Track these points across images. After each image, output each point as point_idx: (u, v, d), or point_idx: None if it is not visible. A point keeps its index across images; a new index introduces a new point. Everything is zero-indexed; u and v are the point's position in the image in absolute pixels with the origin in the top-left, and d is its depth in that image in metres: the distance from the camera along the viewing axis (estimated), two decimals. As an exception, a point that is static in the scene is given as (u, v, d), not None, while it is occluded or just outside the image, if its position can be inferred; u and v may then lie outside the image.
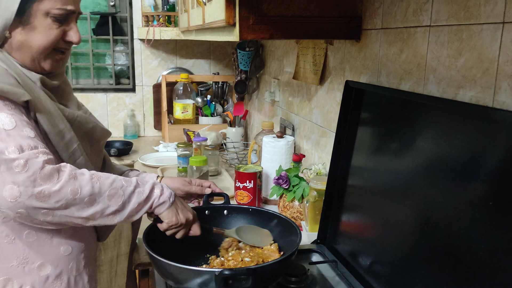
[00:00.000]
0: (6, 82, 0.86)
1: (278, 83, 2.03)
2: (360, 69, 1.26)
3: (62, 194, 0.84)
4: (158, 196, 0.97)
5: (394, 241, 0.98)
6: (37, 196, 0.81)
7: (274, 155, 1.59)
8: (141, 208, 0.94)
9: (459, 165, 0.80)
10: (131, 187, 0.93)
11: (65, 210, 0.85)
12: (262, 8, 1.13)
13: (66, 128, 0.95)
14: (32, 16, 0.91)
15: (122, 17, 2.68)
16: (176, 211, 0.99)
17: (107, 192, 0.89)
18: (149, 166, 2.09)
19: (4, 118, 0.84)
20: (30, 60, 0.94)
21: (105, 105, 2.72)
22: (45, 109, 0.91)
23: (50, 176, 0.83)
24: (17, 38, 0.92)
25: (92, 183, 0.87)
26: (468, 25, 0.84)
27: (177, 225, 1.00)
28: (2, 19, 0.90)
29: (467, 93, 0.85)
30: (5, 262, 0.92)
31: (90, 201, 0.87)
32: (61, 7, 0.92)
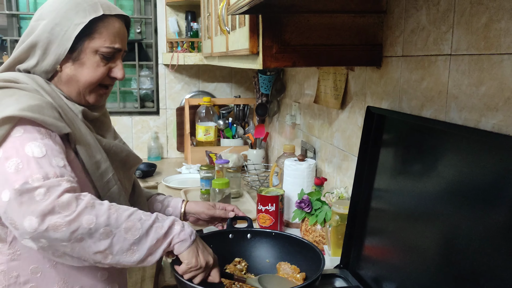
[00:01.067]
0: (50, 115, 0.91)
1: (299, 106, 2.06)
2: (381, 95, 1.29)
3: (77, 223, 0.82)
4: (178, 232, 0.93)
5: (418, 267, 0.98)
6: (53, 226, 0.80)
7: (295, 178, 1.61)
8: (160, 245, 0.90)
9: (483, 191, 0.80)
10: (149, 221, 0.89)
11: (82, 242, 0.83)
12: (285, 38, 1.17)
13: (102, 159, 0.99)
14: (82, 52, 0.97)
15: (148, 43, 2.77)
16: (196, 252, 0.95)
17: (123, 225, 0.86)
18: (173, 188, 2.13)
19: (35, 147, 0.86)
20: (76, 93, 1.00)
21: (130, 127, 2.80)
22: (84, 141, 0.96)
23: (68, 204, 0.82)
24: (66, 72, 0.99)
25: (109, 214, 0.85)
26: (488, 55, 0.85)
27: (196, 268, 0.94)
28: (55, 54, 0.97)
29: (489, 121, 0.86)
30: (47, 285, 0.96)
31: (106, 233, 0.84)
32: (109, 46, 0.98)
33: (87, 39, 0.97)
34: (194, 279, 0.96)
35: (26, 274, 0.95)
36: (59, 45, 0.96)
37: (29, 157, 0.84)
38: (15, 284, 0.95)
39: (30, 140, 0.86)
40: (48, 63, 0.97)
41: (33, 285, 0.95)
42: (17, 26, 2.62)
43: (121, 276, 1.07)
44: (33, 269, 0.95)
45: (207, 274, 0.98)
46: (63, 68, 0.98)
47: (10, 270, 0.94)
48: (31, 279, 0.95)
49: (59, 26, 0.96)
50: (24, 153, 0.85)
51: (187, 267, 0.94)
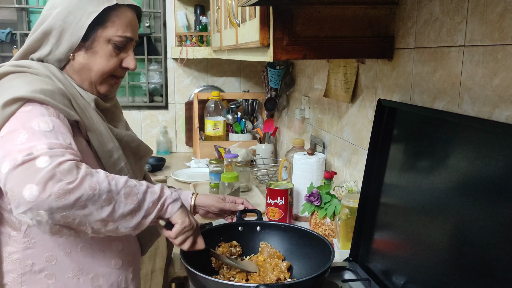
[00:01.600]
0: (61, 101, 0.91)
1: (309, 100, 2.06)
2: (393, 88, 1.27)
3: (81, 190, 0.79)
4: (170, 194, 0.93)
5: (429, 261, 0.97)
6: (57, 194, 0.76)
7: (305, 172, 1.61)
8: (155, 208, 0.89)
9: (495, 184, 0.79)
10: (143, 186, 0.89)
11: (85, 209, 0.80)
12: (296, 30, 1.16)
13: (115, 147, 1.00)
14: (95, 41, 0.98)
15: (157, 37, 2.78)
16: (186, 213, 0.95)
17: (123, 190, 0.85)
18: (182, 181, 2.14)
19: (42, 122, 0.84)
20: (88, 82, 1.01)
21: (139, 122, 2.81)
22: (96, 129, 0.97)
23: (69, 171, 0.78)
24: (79, 61, 0.99)
25: (108, 180, 0.83)
26: (503, 46, 0.84)
27: (189, 227, 0.95)
28: (68, 42, 0.97)
29: (503, 112, 0.85)
30: (62, 273, 0.97)
31: (108, 199, 0.82)
32: (121, 35, 0.99)
33: (100, 28, 0.97)
34: (184, 244, 0.96)
35: (41, 262, 0.96)
36: (72, 33, 0.97)
37: (35, 130, 0.83)
38: (30, 272, 0.95)
39: (37, 115, 0.85)
40: (61, 51, 0.98)
41: (48, 273, 0.96)
42: (27, 20, 2.63)
43: (134, 265, 1.08)
44: (48, 257, 0.96)
45: (195, 240, 0.98)
46: (75, 57, 0.99)
47: (25, 258, 0.95)
48: (46, 267, 0.96)
49: (72, 14, 0.96)
50: (31, 126, 0.83)
51: (181, 227, 0.93)
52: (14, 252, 0.96)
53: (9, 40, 2.58)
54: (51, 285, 0.96)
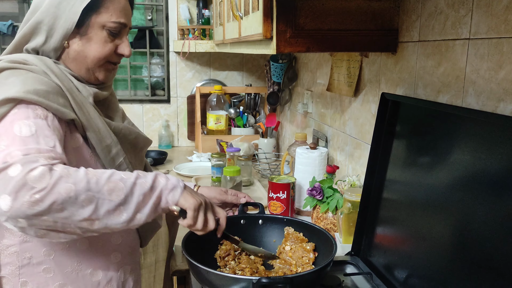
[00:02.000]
0: (55, 101, 0.90)
1: (311, 94, 2.05)
2: (396, 82, 1.27)
3: (54, 194, 0.76)
4: (165, 183, 0.87)
5: (431, 255, 0.97)
6: (29, 202, 0.75)
7: (307, 166, 1.60)
8: (149, 200, 0.85)
9: (499, 178, 0.79)
10: (131, 179, 0.84)
11: (63, 212, 0.77)
12: (299, 22, 1.15)
13: (113, 142, 0.99)
14: (90, 27, 0.97)
15: (159, 30, 2.77)
16: (191, 193, 0.90)
17: (105, 187, 0.80)
18: (184, 175, 2.14)
19: (24, 125, 0.82)
20: (85, 70, 1.00)
21: (141, 115, 2.81)
22: (93, 125, 0.96)
23: (41, 177, 0.76)
24: (74, 48, 0.98)
25: (87, 179, 0.80)
26: (508, 38, 0.83)
27: (200, 206, 0.90)
28: (63, 29, 0.96)
29: (508, 106, 0.84)
30: (61, 268, 0.96)
31: (88, 198, 0.79)
32: (115, 20, 0.98)
33: (94, 13, 0.97)
34: (209, 224, 0.92)
35: (39, 256, 0.95)
36: (66, 19, 0.96)
37: (15, 136, 0.81)
38: (28, 265, 0.95)
39: (21, 118, 0.84)
40: (56, 39, 0.97)
41: (47, 267, 0.96)
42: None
43: (133, 259, 1.08)
44: (46, 251, 0.96)
45: (214, 213, 0.94)
46: (70, 44, 0.98)
47: (23, 252, 0.95)
48: (45, 260, 0.96)
49: (66, 0, 0.95)
50: (12, 131, 0.82)
51: (192, 209, 0.88)
52: (11, 245, 0.95)
53: (10, 32, 2.58)
54: (50, 279, 0.96)
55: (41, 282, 0.96)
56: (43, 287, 0.96)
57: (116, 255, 1.02)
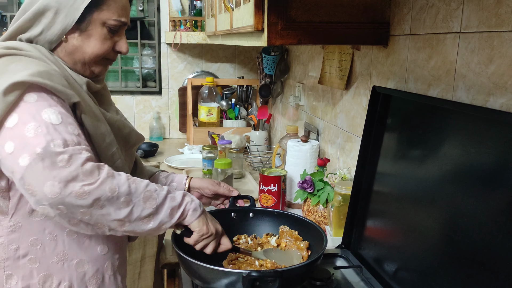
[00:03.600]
0: (59, 83, 0.89)
1: (303, 87, 2.04)
2: (387, 75, 1.27)
3: (101, 191, 0.83)
4: (190, 202, 0.96)
5: (421, 248, 0.98)
6: (77, 193, 0.81)
7: (298, 159, 1.60)
8: (174, 214, 0.93)
9: (489, 172, 0.79)
10: (164, 191, 0.92)
11: (103, 209, 0.84)
12: (291, 14, 1.15)
13: (107, 131, 0.98)
14: (91, 24, 0.96)
15: (150, 21, 2.74)
16: (206, 220, 0.98)
17: (142, 194, 0.88)
18: (175, 168, 2.13)
19: (52, 113, 0.85)
20: (81, 64, 0.99)
21: (132, 107, 2.78)
22: (90, 111, 0.95)
23: (91, 172, 0.83)
24: (72, 43, 0.97)
25: (129, 183, 0.87)
26: (499, 32, 0.83)
27: (207, 235, 0.98)
28: (62, 24, 0.95)
29: (497, 100, 0.84)
30: (46, 258, 0.96)
31: (127, 201, 0.86)
32: (117, 18, 0.98)
33: (96, 10, 0.96)
34: (207, 248, 0.99)
35: (25, 246, 0.95)
36: (67, 15, 0.95)
37: (47, 123, 0.84)
38: (13, 258, 0.94)
39: (45, 106, 0.85)
40: (53, 33, 0.96)
41: (32, 257, 0.95)
42: (17, 2, 2.58)
43: (120, 253, 1.07)
44: (33, 241, 0.95)
45: (218, 242, 1.01)
46: (69, 39, 0.97)
47: (10, 243, 0.94)
48: (31, 251, 0.95)
49: None
50: (42, 119, 0.84)
51: (199, 235, 0.97)
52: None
53: (-2, 22, 2.54)
54: (35, 270, 0.95)
55: (26, 273, 0.95)
56: (28, 278, 0.95)
57: (103, 248, 1.01)
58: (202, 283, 0.97)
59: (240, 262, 1.07)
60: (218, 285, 0.91)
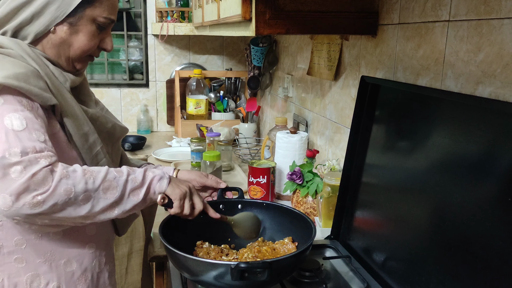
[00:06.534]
0: (36, 85, 0.87)
1: (292, 79, 2.03)
2: (376, 65, 1.26)
3: (55, 196, 0.80)
4: (153, 177, 0.93)
5: (409, 237, 0.98)
6: (30, 204, 0.78)
7: (287, 150, 1.59)
8: (140, 194, 0.90)
9: (477, 161, 0.79)
10: (123, 176, 0.89)
11: (62, 212, 0.82)
12: (279, 3, 1.13)
13: (90, 130, 0.97)
14: (81, 19, 0.95)
15: (136, 12, 2.69)
16: (177, 184, 0.96)
17: (101, 186, 0.85)
18: (163, 161, 2.11)
19: (15, 119, 0.82)
20: (65, 58, 0.97)
21: (119, 100, 2.75)
22: (71, 112, 0.93)
23: (43, 180, 0.79)
24: (60, 35, 0.95)
25: (85, 179, 0.84)
26: (488, 20, 0.83)
27: (185, 195, 0.96)
28: (51, 15, 0.93)
29: (486, 88, 0.84)
30: (33, 258, 0.94)
31: (86, 198, 0.84)
32: (107, 16, 0.97)
33: (88, 6, 0.94)
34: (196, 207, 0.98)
35: (10, 245, 0.92)
36: (58, 7, 0.93)
37: (7, 129, 0.80)
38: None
39: (10, 111, 0.82)
40: (41, 23, 0.93)
41: (18, 257, 0.93)
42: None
43: (108, 249, 1.06)
44: (17, 240, 0.93)
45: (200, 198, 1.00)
46: (57, 30, 0.95)
47: None
48: (16, 250, 0.93)
49: None
50: (4, 124, 0.81)
51: (177, 200, 0.95)
52: None
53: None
54: (21, 270, 0.93)
55: (13, 272, 0.93)
56: (14, 277, 0.93)
57: (90, 246, 0.99)
58: (190, 276, 0.96)
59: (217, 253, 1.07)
60: (207, 277, 0.90)
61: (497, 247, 0.74)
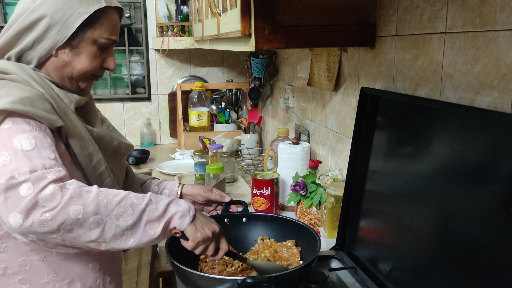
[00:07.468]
0: (41, 108, 0.88)
1: (292, 89, 2.05)
2: (375, 76, 1.27)
3: (64, 215, 0.79)
4: (175, 212, 0.90)
5: (414, 247, 0.98)
6: (39, 221, 0.78)
7: (290, 161, 1.60)
8: (157, 228, 0.87)
9: (478, 170, 0.80)
10: (142, 205, 0.86)
11: (72, 233, 0.81)
12: (277, 19, 1.15)
13: (95, 150, 0.98)
14: (82, 41, 0.97)
15: (137, 28, 2.72)
16: (199, 225, 0.92)
17: (114, 211, 0.83)
18: (167, 174, 2.12)
19: (24, 139, 0.83)
20: (69, 79, 0.99)
21: (121, 114, 2.77)
22: (76, 133, 0.95)
23: (52, 196, 0.79)
24: (62, 58, 0.97)
25: (97, 202, 0.82)
26: (484, 32, 0.84)
27: (203, 240, 0.92)
28: (53, 40, 0.95)
29: (484, 99, 0.85)
30: (37, 278, 0.94)
31: (96, 222, 0.81)
32: (108, 37, 0.99)
33: (88, 28, 0.96)
34: (207, 252, 0.94)
35: (14, 266, 0.93)
36: (59, 31, 0.94)
37: (17, 150, 0.82)
38: (3, 276, 0.93)
39: (19, 132, 0.84)
40: (43, 47, 0.95)
41: (22, 278, 0.94)
42: (2, 12, 2.56)
43: (113, 267, 1.06)
44: (21, 261, 0.93)
45: (217, 245, 0.96)
46: (59, 54, 0.97)
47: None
48: (20, 271, 0.93)
49: (61, 12, 0.94)
50: (13, 146, 0.82)
51: (194, 242, 0.92)
52: None
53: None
54: None
55: None
56: None
57: (94, 265, 1.00)
58: (197, 291, 0.96)
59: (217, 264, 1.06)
60: (214, 293, 0.91)
61: (500, 257, 0.74)
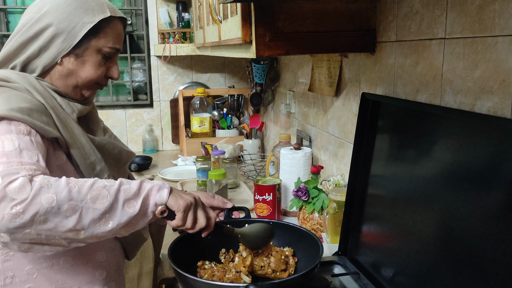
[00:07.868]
0: (38, 119, 0.89)
1: (294, 95, 2.05)
2: (376, 81, 1.28)
3: (36, 205, 0.75)
4: (151, 187, 0.86)
5: (416, 252, 0.98)
6: (10, 215, 0.74)
7: (292, 167, 1.61)
8: (136, 205, 0.83)
9: (480, 175, 0.80)
10: (115, 186, 0.83)
11: (47, 224, 0.77)
12: (278, 25, 1.16)
13: (97, 159, 0.99)
14: (87, 50, 0.98)
15: (139, 35, 2.74)
16: (179, 195, 0.89)
17: (88, 195, 0.79)
18: (169, 180, 2.13)
19: (7, 140, 0.82)
20: (73, 88, 1.00)
21: (124, 121, 2.78)
22: (77, 142, 0.95)
23: (21, 189, 0.75)
24: (67, 67, 0.98)
25: (69, 188, 0.78)
26: (483, 37, 0.85)
27: (188, 207, 0.88)
28: (58, 48, 0.96)
29: (484, 104, 0.86)
30: (44, 287, 0.95)
31: (72, 208, 0.78)
32: (112, 46, 1.00)
33: (93, 37, 0.98)
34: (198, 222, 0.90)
35: (22, 274, 0.94)
36: (64, 40, 0.96)
37: None
38: (11, 284, 0.94)
39: (3, 133, 0.83)
40: (48, 55, 0.96)
41: (30, 286, 0.94)
42: (5, 21, 2.58)
43: (119, 274, 1.07)
44: (29, 270, 0.94)
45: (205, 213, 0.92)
46: (64, 62, 0.98)
47: (5, 270, 0.93)
48: (28, 279, 0.94)
49: (67, 21, 0.95)
50: None
51: (180, 212, 0.87)
52: None
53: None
54: None
55: None
56: None
57: (101, 272, 1.01)
58: (200, 298, 0.96)
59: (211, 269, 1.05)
60: (217, 299, 0.91)
61: (502, 262, 0.74)
